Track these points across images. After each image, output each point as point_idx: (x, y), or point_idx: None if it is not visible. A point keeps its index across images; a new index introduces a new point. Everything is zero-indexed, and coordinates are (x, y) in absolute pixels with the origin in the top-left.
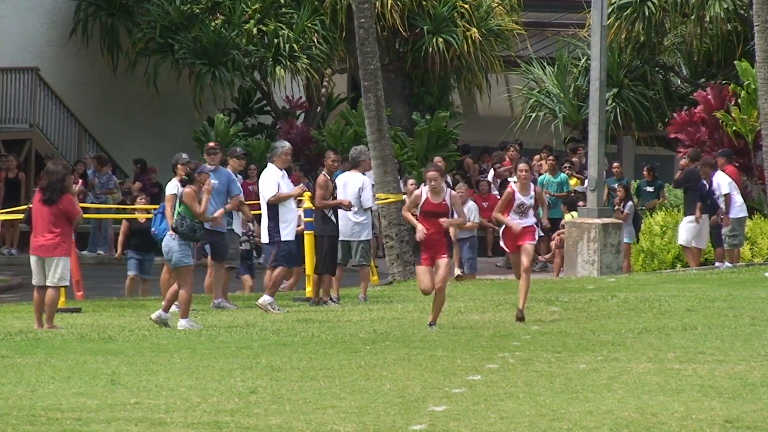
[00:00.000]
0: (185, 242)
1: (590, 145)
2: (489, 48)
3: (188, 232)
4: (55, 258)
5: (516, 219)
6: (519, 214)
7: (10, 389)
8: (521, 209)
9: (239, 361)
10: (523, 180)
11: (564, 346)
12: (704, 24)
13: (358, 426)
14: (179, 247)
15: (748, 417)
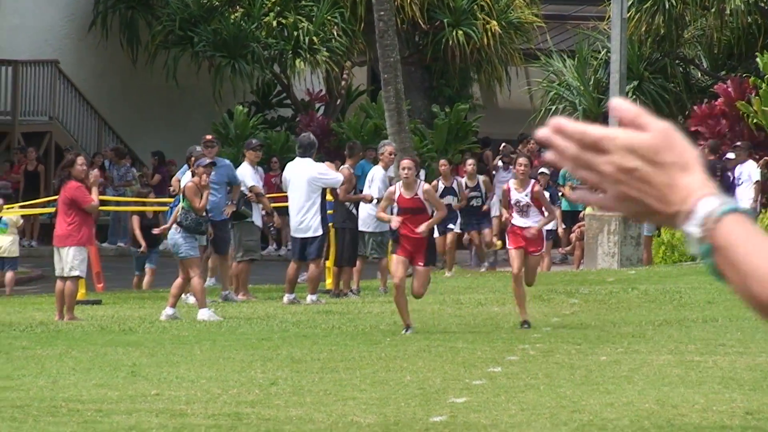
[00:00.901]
0: (191, 235)
1: None
2: (509, 40)
3: (193, 225)
4: (66, 247)
5: (518, 218)
6: (519, 212)
7: (31, 381)
8: (519, 207)
9: (260, 353)
10: (520, 175)
11: (584, 338)
12: (724, 16)
13: (379, 417)
14: (185, 240)
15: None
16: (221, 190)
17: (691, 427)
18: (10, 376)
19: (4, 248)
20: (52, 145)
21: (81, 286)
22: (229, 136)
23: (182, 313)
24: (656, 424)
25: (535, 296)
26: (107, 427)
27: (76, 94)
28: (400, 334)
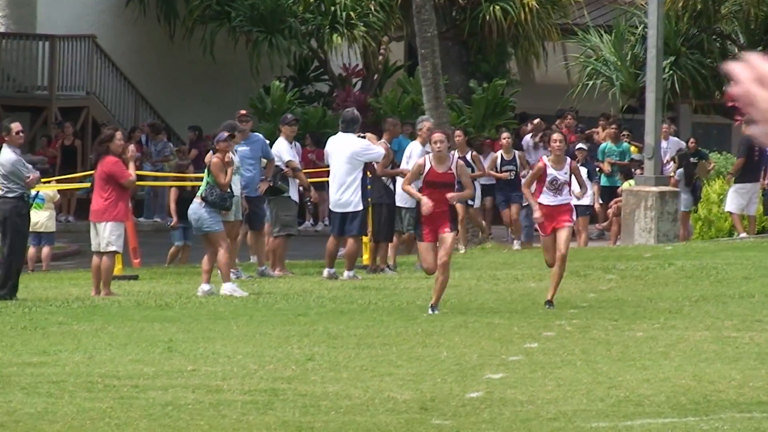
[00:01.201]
0: (215, 210)
1: (647, 113)
2: (546, 16)
3: (218, 200)
4: (103, 222)
5: (549, 196)
6: (553, 191)
7: (67, 356)
8: (554, 185)
9: (296, 329)
10: (557, 152)
11: (621, 314)
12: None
13: (415, 393)
14: (209, 215)
15: None
16: (256, 165)
17: (727, 403)
18: (47, 352)
19: (40, 223)
20: (89, 120)
21: (117, 261)
22: (266, 111)
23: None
24: (693, 399)
25: (572, 272)
26: (143, 403)
27: (114, 69)
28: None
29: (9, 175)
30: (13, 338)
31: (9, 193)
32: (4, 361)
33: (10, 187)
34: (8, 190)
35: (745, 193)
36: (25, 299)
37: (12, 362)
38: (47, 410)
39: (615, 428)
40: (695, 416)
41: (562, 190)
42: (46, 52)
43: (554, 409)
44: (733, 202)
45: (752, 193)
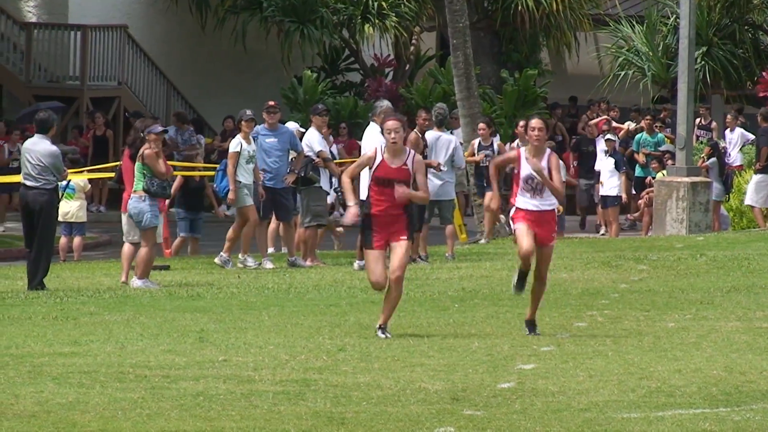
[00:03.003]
0: (156, 204)
1: (679, 103)
2: (578, 6)
3: (160, 190)
4: None
5: (527, 198)
6: (530, 191)
7: (99, 346)
8: (531, 185)
9: (327, 319)
10: (535, 142)
11: (652, 305)
12: None
13: (447, 384)
14: (150, 208)
15: None
16: (283, 157)
17: (759, 394)
18: (78, 342)
19: (71, 213)
20: (120, 110)
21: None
22: (298, 101)
23: (249, 279)
24: (724, 390)
25: (604, 263)
26: (175, 393)
27: (145, 59)
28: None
29: (50, 167)
30: (45, 328)
31: (47, 185)
32: (36, 351)
33: (49, 179)
34: (46, 182)
35: (765, 186)
36: (57, 289)
37: (43, 352)
38: (78, 400)
39: (646, 419)
40: (726, 407)
41: (542, 191)
42: (77, 42)
43: (585, 400)
44: (755, 195)
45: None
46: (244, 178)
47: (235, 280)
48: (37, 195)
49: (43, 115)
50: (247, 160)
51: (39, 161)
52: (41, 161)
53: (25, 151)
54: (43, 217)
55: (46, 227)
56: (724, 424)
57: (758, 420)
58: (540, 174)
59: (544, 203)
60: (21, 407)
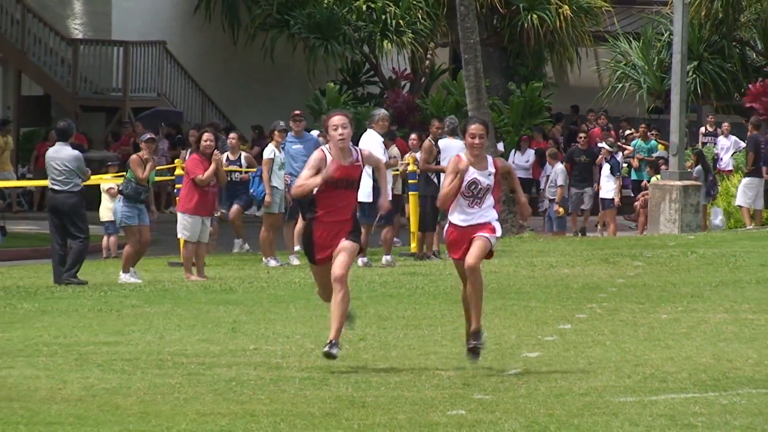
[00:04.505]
0: (132, 204)
1: (672, 113)
2: (579, 24)
3: (133, 194)
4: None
5: (464, 210)
6: (470, 199)
7: (139, 336)
8: (473, 192)
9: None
10: (475, 150)
11: (647, 298)
12: None
13: (458, 370)
14: (126, 209)
15: None
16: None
17: (744, 380)
18: (121, 332)
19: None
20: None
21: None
22: (322, 112)
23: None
24: (712, 377)
25: (602, 259)
26: (209, 379)
27: (182, 72)
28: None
29: (75, 170)
30: (91, 319)
31: (74, 188)
32: (82, 341)
33: (75, 182)
34: (72, 185)
35: (753, 188)
36: (102, 284)
37: (89, 341)
38: (121, 385)
39: (641, 403)
40: (715, 392)
41: (483, 201)
42: (120, 56)
43: (585, 385)
44: (743, 196)
45: (759, 187)
46: (277, 184)
47: (265, 276)
48: (65, 198)
49: (63, 124)
50: (279, 167)
51: (64, 166)
52: (66, 166)
53: (50, 159)
54: (74, 217)
55: (76, 227)
56: (713, 408)
57: (744, 404)
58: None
59: (481, 215)
60: (69, 392)
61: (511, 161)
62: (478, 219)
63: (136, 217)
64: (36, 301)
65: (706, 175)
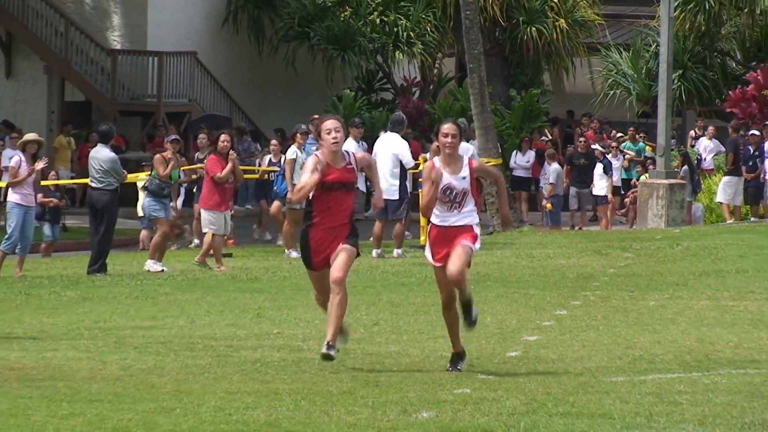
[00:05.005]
0: (156, 199)
1: (659, 117)
2: (574, 36)
3: (156, 189)
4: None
5: (444, 213)
6: (448, 204)
7: (172, 321)
8: (449, 197)
9: (364, 298)
10: (447, 149)
11: (636, 286)
12: (755, 16)
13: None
14: (152, 203)
15: None
16: None
17: (725, 361)
18: (156, 317)
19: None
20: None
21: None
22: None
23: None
24: (696, 358)
25: (595, 251)
26: (236, 360)
27: (211, 80)
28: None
29: (110, 171)
30: (128, 306)
31: (108, 187)
32: (120, 325)
33: (110, 181)
34: (107, 184)
35: (733, 186)
36: (138, 273)
37: (127, 326)
38: (156, 366)
39: (631, 382)
40: (698, 372)
41: (462, 205)
42: (155, 65)
43: (580, 366)
44: (723, 193)
45: (738, 185)
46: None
47: (287, 266)
48: (100, 195)
49: (104, 128)
50: (300, 166)
51: (101, 166)
52: (102, 166)
53: (91, 159)
54: (106, 213)
55: (108, 222)
56: (696, 386)
57: (724, 383)
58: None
59: (462, 218)
60: (108, 372)
61: (512, 162)
62: (459, 221)
63: (163, 210)
64: (78, 289)
65: (692, 174)
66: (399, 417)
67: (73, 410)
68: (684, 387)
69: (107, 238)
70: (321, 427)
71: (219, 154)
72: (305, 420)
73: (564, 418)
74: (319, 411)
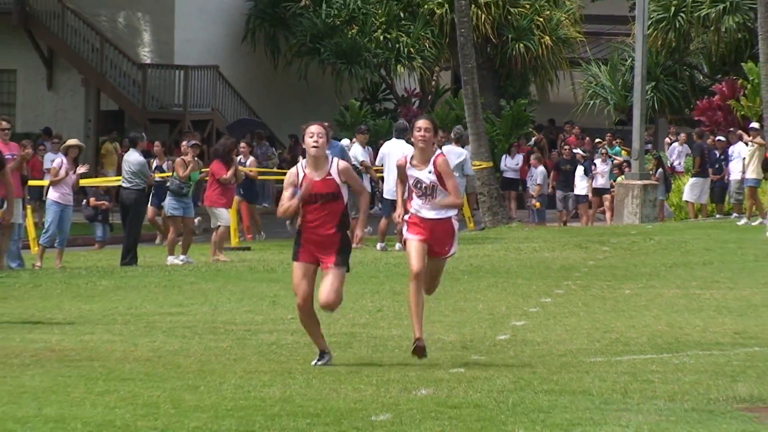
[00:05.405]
0: (178, 199)
1: (634, 125)
2: (558, 51)
3: (176, 188)
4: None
5: (424, 204)
6: (423, 197)
7: (197, 308)
8: (422, 189)
9: (369, 287)
10: (420, 143)
11: (613, 277)
12: (720, 33)
13: (459, 336)
14: (173, 201)
15: (751, 330)
16: None
17: (692, 343)
18: (182, 304)
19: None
20: (213, 129)
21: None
22: (346, 123)
23: None
24: (666, 341)
25: (577, 245)
26: (254, 343)
27: (232, 91)
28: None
29: (138, 173)
30: (157, 294)
31: (135, 187)
32: (150, 311)
33: (137, 182)
34: (135, 184)
35: (698, 186)
36: (166, 265)
37: (156, 312)
38: (182, 348)
39: (608, 362)
40: (668, 353)
41: (434, 195)
42: (181, 78)
43: (563, 348)
44: (690, 193)
45: (704, 185)
46: None
47: None
48: (129, 194)
49: (134, 134)
50: None
51: (130, 168)
52: (131, 168)
53: (123, 162)
54: (132, 210)
55: (135, 218)
56: (667, 366)
57: (692, 363)
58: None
59: (440, 212)
60: (139, 353)
61: (503, 164)
62: (437, 215)
63: (181, 210)
64: (112, 279)
65: (665, 175)
66: (400, 394)
67: (107, 387)
68: (656, 367)
69: (135, 233)
70: (330, 402)
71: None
72: (316, 396)
73: (548, 395)
74: (329, 388)
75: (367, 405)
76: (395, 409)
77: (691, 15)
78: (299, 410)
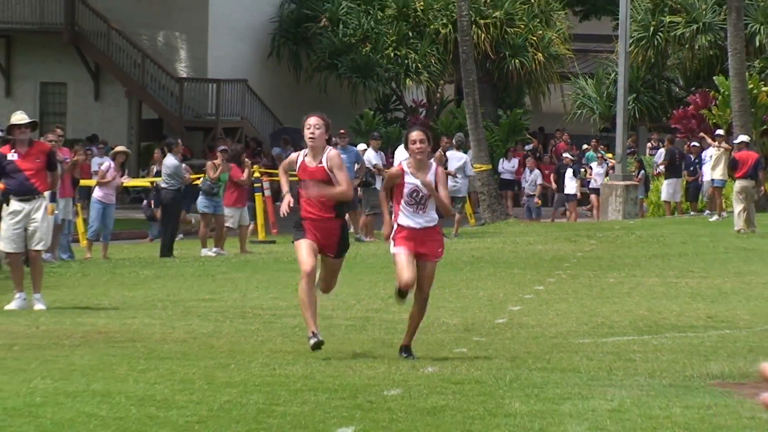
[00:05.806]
0: (209, 197)
1: (617, 132)
2: (549, 66)
3: (207, 188)
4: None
5: (410, 214)
6: (414, 206)
7: (227, 294)
8: (415, 199)
9: (382, 276)
10: (417, 155)
11: (599, 267)
12: (695, 51)
13: (461, 319)
14: (204, 200)
15: (722, 315)
16: (351, 168)
17: (670, 326)
18: (214, 292)
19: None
20: (243, 136)
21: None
22: (361, 130)
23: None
24: (647, 324)
25: (566, 238)
26: (279, 326)
27: (259, 102)
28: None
29: (173, 174)
30: (192, 282)
31: (171, 187)
32: (186, 298)
33: (172, 183)
34: (171, 185)
35: (672, 186)
36: (199, 256)
37: (191, 298)
38: (215, 330)
39: (595, 343)
40: (648, 335)
41: (426, 206)
42: (213, 90)
43: (554, 330)
44: (665, 192)
45: (677, 185)
46: None
47: None
48: (165, 193)
49: (169, 140)
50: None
51: (167, 170)
52: (167, 170)
53: (162, 165)
54: (168, 208)
55: (171, 216)
56: (647, 347)
57: (669, 344)
58: (429, 188)
59: (428, 220)
60: (176, 335)
61: (500, 167)
62: (426, 223)
63: (212, 208)
64: (152, 269)
65: (646, 176)
66: (409, 371)
67: (148, 365)
68: (637, 347)
69: (172, 228)
70: (347, 379)
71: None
72: (334, 373)
73: (541, 372)
74: (345, 366)
75: (380, 381)
76: (405, 385)
77: (668, 34)
78: (319, 386)
